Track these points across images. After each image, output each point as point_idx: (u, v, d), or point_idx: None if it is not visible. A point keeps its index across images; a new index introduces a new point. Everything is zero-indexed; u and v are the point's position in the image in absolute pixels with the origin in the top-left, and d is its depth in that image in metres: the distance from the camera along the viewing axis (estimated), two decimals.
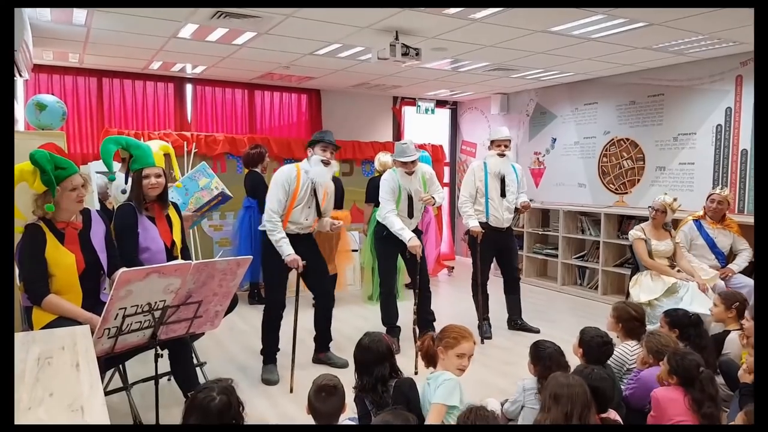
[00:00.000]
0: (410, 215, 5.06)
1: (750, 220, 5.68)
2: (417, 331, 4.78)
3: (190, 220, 4.60)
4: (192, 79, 7.73)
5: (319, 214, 4.37)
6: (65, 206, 3.05)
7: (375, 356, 2.81)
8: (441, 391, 2.66)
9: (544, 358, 2.91)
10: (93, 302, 3.09)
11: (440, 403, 2.63)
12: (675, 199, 5.23)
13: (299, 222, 4.31)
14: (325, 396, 2.48)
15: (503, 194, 5.41)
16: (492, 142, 5.49)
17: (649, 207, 5.32)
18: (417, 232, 5.20)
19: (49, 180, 2.95)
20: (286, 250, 4.16)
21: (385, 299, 5.15)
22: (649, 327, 3.91)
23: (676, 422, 2.66)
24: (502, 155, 5.42)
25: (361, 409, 2.82)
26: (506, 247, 5.58)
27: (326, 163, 4.27)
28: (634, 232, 5.24)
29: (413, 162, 4.89)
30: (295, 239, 4.27)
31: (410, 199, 5.02)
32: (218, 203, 5.34)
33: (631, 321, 3.59)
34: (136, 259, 3.41)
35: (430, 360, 2.90)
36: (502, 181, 5.42)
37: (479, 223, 5.37)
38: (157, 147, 3.71)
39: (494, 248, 5.49)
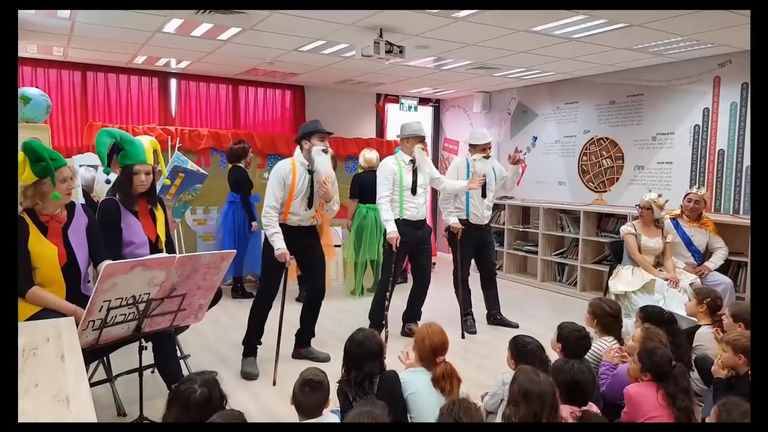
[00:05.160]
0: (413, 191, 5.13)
1: (725, 219, 5.83)
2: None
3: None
4: (176, 74, 7.70)
5: (310, 204, 4.39)
6: (48, 199, 3.05)
7: (367, 352, 2.81)
8: None
9: (527, 354, 2.93)
10: (76, 295, 3.09)
11: None
12: (660, 195, 5.34)
13: (299, 213, 4.37)
14: (310, 390, 2.50)
15: (483, 195, 5.49)
16: (476, 146, 5.51)
17: (636, 205, 5.43)
18: (426, 227, 5.27)
19: (47, 168, 2.94)
20: (278, 244, 4.21)
21: (380, 294, 5.17)
22: (625, 320, 3.99)
23: (650, 418, 2.70)
24: (487, 157, 5.50)
25: (343, 402, 2.80)
26: (484, 242, 5.67)
27: (326, 152, 4.33)
28: (626, 228, 5.36)
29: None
30: (296, 231, 4.36)
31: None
32: (185, 181, 5.32)
33: (606, 317, 3.65)
34: (118, 254, 3.40)
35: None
36: (484, 183, 5.49)
37: (459, 220, 5.44)
38: (147, 143, 3.72)
39: (474, 244, 5.57)
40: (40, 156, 2.95)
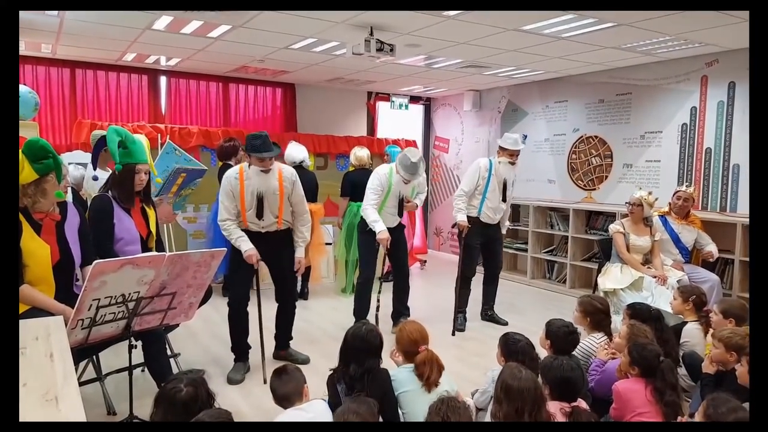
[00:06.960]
0: (399, 214, 5.21)
1: (713, 216, 5.89)
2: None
3: (167, 207, 4.66)
4: (166, 71, 7.68)
5: (260, 215, 4.19)
6: (50, 197, 3.04)
7: (370, 348, 2.83)
8: None
9: (517, 352, 2.95)
10: (66, 294, 3.07)
11: None
12: (650, 193, 5.36)
13: (256, 222, 4.25)
14: (276, 378, 2.60)
15: (504, 199, 5.54)
16: (506, 150, 5.50)
17: (626, 202, 5.45)
18: (400, 225, 5.31)
19: (49, 166, 2.93)
20: (244, 246, 4.15)
21: (361, 289, 5.22)
22: (614, 317, 4.02)
23: (638, 414, 2.72)
24: (513, 164, 5.54)
25: (332, 394, 2.81)
26: (493, 238, 5.67)
27: (266, 172, 4.15)
28: (614, 226, 5.38)
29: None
30: (257, 236, 4.24)
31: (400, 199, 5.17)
32: (187, 179, 5.31)
33: (598, 313, 3.69)
34: (110, 249, 3.41)
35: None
36: (504, 186, 5.52)
37: (469, 217, 5.43)
38: (144, 142, 3.73)
39: (482, 240, 5.57)
40: (48, 153, 2.93)
